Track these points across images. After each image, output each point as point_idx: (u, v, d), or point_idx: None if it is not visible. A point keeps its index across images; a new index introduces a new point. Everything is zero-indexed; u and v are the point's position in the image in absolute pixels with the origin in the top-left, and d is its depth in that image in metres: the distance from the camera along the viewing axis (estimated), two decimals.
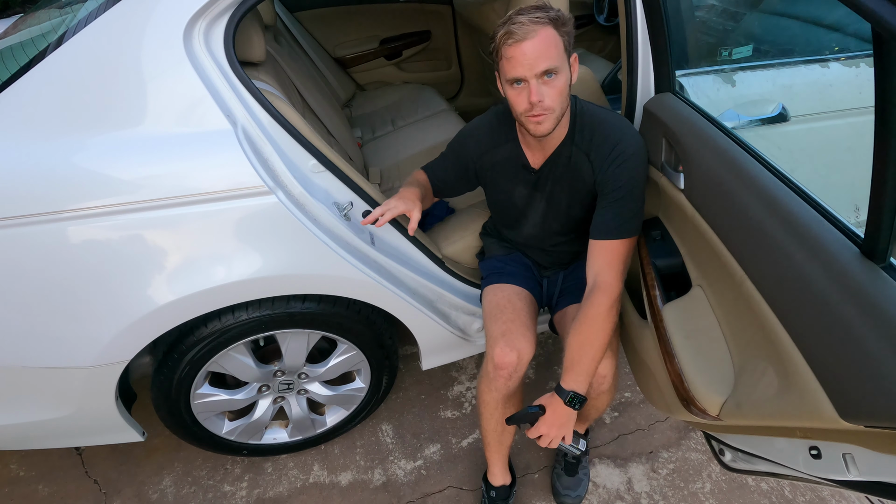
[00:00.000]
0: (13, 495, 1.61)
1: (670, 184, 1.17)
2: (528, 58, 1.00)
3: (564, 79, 1.05)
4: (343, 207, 1.25)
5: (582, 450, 1.20)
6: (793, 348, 0.82)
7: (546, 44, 1.00)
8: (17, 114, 1.02)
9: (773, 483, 1.63)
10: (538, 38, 0.99)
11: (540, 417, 1.14)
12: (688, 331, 1.11)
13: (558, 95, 1.05)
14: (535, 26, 0.99)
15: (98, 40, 1.02)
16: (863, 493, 1.51)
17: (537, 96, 1.03)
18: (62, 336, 1.15)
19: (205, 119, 1.08)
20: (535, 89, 1.03)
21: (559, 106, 1.07)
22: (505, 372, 1.24)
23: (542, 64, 1.01)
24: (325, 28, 2.70)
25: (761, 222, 0.89)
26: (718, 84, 1.35)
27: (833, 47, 1.48)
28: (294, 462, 1.70)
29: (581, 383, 1.13)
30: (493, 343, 1.26)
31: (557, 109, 1.07)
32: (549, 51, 1.00)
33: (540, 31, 0.99)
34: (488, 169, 1.30)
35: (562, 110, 1.08)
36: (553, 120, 1.08)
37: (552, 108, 1.06)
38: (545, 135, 1.10)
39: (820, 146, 1.33)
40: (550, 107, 1.05)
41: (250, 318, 1.29)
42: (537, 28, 0.99)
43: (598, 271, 1.17)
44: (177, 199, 1.07)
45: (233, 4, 1.08)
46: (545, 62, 1.01)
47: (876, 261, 0.72)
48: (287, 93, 1.54)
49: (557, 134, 1.17)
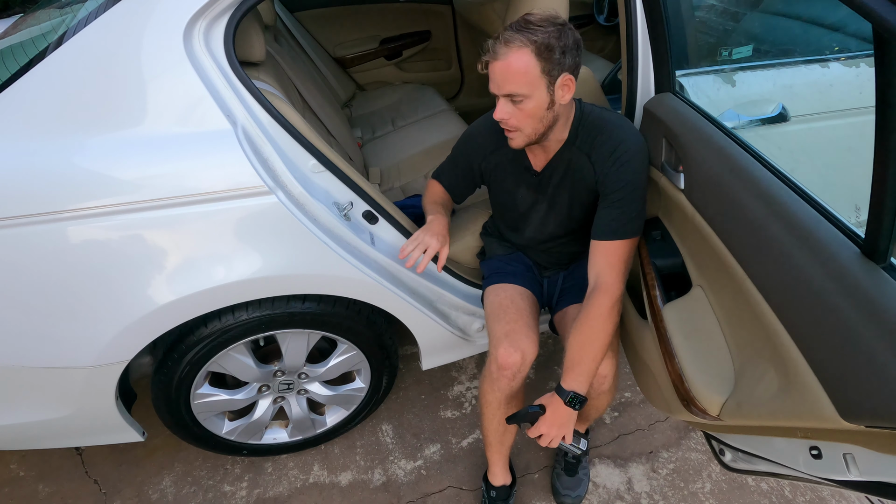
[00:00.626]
0: (13, 495, 1.61)
1: (670, 184, 1.17)
2: (495, 77, 1.03)
3: (534, 104, 1.05)
4: (343, 207, 1.25)
5: (583, 449, 1.20)
6: (793, 348, 0.82)
7: (514, 70, 1.01)
8: (17, 114, 1.02)
9: (773, 483, 1.63)
10: (508, 62, 1.01)
11: (540, 417, 1.14)
12: (688, 331, 1.11)
13: (526, 118, 1.07)
14: (509, 49, 1.00)
15: (98, 40, 1.02)
16: (863, 494, 1.51)
17: (500, 114, 1.07)
18: (62, 336, 1.15)
19: (205, 119, 1.08)
20: (500, 107, 1.07)
21: (528, 127, 1.09)
22: (509, 372, 1.24)
23: (507, 87, 1.03)
24: (325, 28, 2.70)
25: (761, 222, 0.89)
26: (718, 84, 1.35)
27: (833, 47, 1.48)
28: (294, 462, 1.70)
29: (581, 384, 1.13)
30: (497, 343, 1.25)
31: (526, 129, 1.10)
32: (516, 77, 1.01)
33: (512, 55, 1.00)
34: (492, 170, 1.31)
35: (533, 130, 1.10)
36: (523, 138, 1.11)
37: (518, 128, 1.09)
38: (519, 148, 1.15)
39: (820, 146, 1.33)
40: (516, 126, 1.09)
41: (250, 318, 1.29)
42: (511, 52, 1.00)
43: (599, 272, 1.17)
44: (177, 199, 1.07)
45: (233, 4, 1.08)
46: (509, 87, 1.03)
47: (876, 261, 0.72)
48: (287, 93, 1.54)
49: (558, 138, 1.18)
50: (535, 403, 1.16)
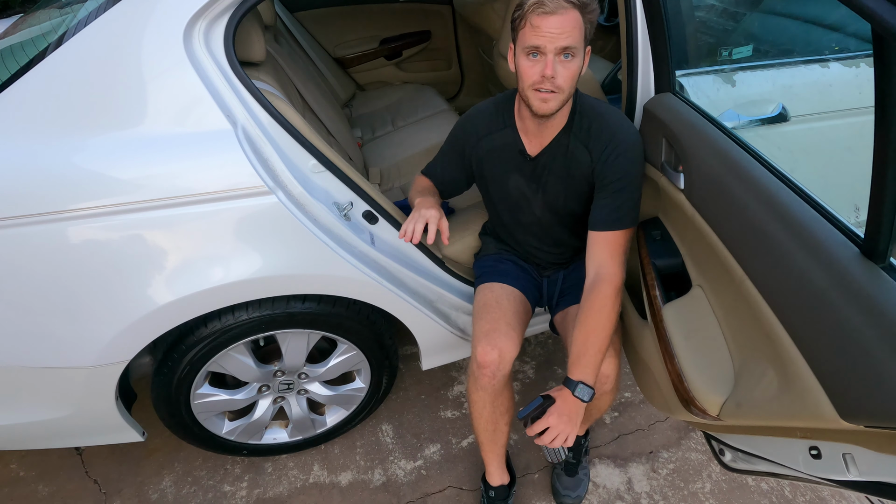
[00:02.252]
0: (13, 495, 1.61)
1: (670, 184, 1.17)
2: (552, 31, 1.02)
3: (578, 63, 1.07)
4: (343, 207, 1.25)
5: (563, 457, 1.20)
6: (793, 348, 0.82)
7: (572, 24, 1.02)
8: (17, 114, 1.02)
9: (773, 483, 1.63)
10: (566, 17, 1.02)
11: (549, 408, 1.14)
12: (688, 331, 1.11)
13: (570, 77, 1.07)
14: (565, 4, 1.01)
15: (98, 40, 1.02)
16: (863, 494, 1.51)
17: (552, 70, 1.05)
18: (62, 336, 1.15)
19: (205, 119, 1.08)
20: (552, 63, 1.04)
21: (568, 88, 1.08)
22: (488, 370, 1.25)
23: (563, 40, 1.03)
24: (325, 28, 2.70)
25: (761, 222, 0.89)
26: (718, 84, 1.35)
27: (833, 47, 1.48)
28: (294, 462, 1.70)
29: (589, 374, 1.13)
30: (476, 342, 1.27)
31: (566, 91, 1.08)
32: (574, 31, 1.03)
33: (569, 10, 1.02)
34: (484, 155, 1.30)
35: (569, 94, 1.10)
36: (559, 101, 1.09)
37: (562, 87, 1.07)
38: (548, 115, 1.11)
39: (820, 146, 1.33)
40: (561, 86, 1.07)
41: (250, 318, 1.29)
42: (567, 7, 1.02)
43: (600, 262, 1.17)
44: (177, 200, 1.07)
45: (233, 4, 1.08)
46: (567, 39, 1.03)
47: (876, 261, 0.72)
48: (287, 93, 1.54)
49: (557, 122, 1.18)
50: (545, 394, 1.16)
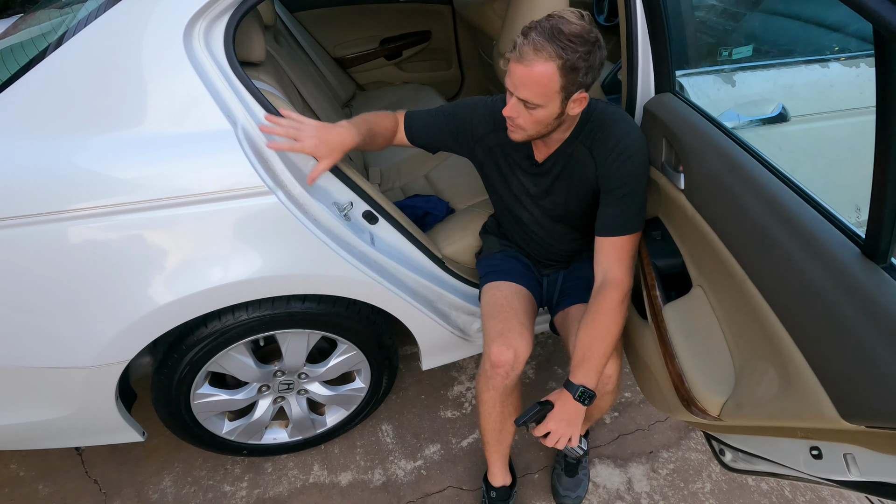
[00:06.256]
0: (13, 495, 1.61)
1: (670, 184, 1.17)
2: (516, 80, 1.02)
3: (545, 113, 1.05)
4: (343, 207, 1.25)
5: (584, 449, 1.20)
6: (793, 348, 0.82)
7: (535, 80, 0.99)
8: (17, 114, 1.02)
9: (773, 483, 1.63)
10: (532, 70, 0.98)
11: (549, 413, 1.14)
12: (688, 331, 1.11)
13: (532, 122, 1.08)
14: (537, 57, 0.97)
15: (98, 40, 1.02)
16: (863, 494, 1.51)
17: (509, 112, 1.07)
18: (62, 336, 1.15)
19: (205, 119, 1.08)
20: (511, 105, 1.06)
21: (531, 129, 1.10)
22: (502, 370, 1.24)
23: (522, 92, 1.02)
24: (325, 28, 2.70)
25: (762, 222, 0.89)
26: (718, 84, 1.35)
27: (833, 47, 1.48)
28: (294, 462, 1.70)
29: (591, 379, 1.13)
30: (490, 341, 1.26)
31: (529, 130, 1.10)
32: (536, 87, 1.00)
33: (538, 65, 0.97)
34: (491, 148, 1.29)
35: (536, 132, 1.11)
36: (524, 136, 1.12)
37: (523, 127, 1.10)
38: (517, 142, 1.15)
39: (820, 146, 1.33)
40: (521, 126, 1.09)
41: (250, 318, 1.29)
42: (538, 61, 0.97)
43: (608, 268, 1.17)
44: (176, 200, 1.07)
45: (233, 4, 1.08)
46: (525, 93, 1.02)
47: (877, 261, 0.72)
48: (287, 93, 1.54)
49: (560, 135, 1.18)
50: (543, 400, 1.16)
